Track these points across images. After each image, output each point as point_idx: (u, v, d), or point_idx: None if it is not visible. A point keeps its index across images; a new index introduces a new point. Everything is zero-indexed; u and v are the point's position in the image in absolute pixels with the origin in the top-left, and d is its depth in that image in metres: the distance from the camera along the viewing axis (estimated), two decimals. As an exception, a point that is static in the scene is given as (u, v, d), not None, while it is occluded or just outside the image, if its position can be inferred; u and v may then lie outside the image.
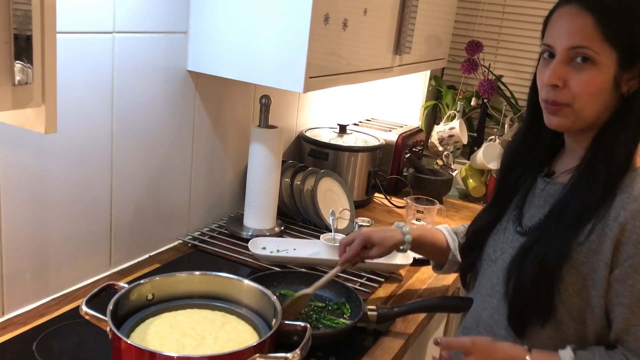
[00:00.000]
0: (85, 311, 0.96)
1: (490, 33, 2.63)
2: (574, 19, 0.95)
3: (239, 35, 1.38)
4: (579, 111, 0.97)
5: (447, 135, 2.34)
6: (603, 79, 0.94)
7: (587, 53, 0.94)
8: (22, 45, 0.66)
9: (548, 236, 1.00)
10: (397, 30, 1.73)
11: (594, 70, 0.94)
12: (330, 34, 1.39)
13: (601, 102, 0.96)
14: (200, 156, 1.58)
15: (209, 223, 1.68)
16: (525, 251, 1.03)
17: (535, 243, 1.02)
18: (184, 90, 1.47)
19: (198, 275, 1.10)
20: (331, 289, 1.33)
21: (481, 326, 1.12)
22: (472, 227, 1.24)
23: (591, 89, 0.95)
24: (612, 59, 0.94)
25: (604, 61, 0.94)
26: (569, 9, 0.97)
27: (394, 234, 1.31)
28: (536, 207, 1.09)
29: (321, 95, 2.09)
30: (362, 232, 1.30)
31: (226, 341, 0.97)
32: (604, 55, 0.93)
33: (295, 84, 1.34)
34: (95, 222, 1.32)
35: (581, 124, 0.99)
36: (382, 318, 1.24)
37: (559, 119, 1.00)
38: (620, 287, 0.94)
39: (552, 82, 0.97)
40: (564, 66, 0.96)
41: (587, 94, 0.95)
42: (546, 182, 1.09)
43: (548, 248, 0.99)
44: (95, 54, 1.21)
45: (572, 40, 0.95)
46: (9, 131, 1.08)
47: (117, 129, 1.31)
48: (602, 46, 0.93)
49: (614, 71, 0.94)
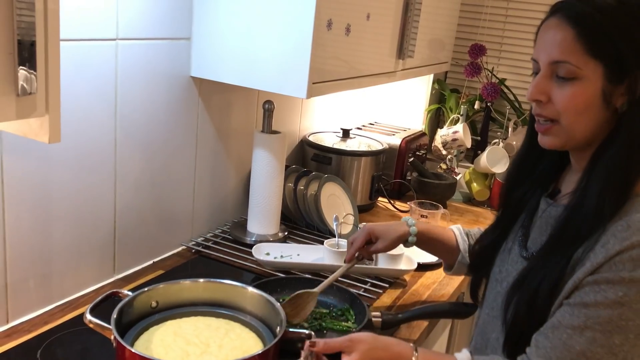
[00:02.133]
0: (89, 319, 0.96)
1: (493, 36, 2.63)
2: (556, 32, 0.91)
3: (242, 41, 1.38)
4: (568, 128, 0.93)
5: (450, 139, 2.34)
6: (588, 94, 0.89)
7: (568, 68, 0.89)
8: (25, 55, 0.66)
9: (543, 265, 0.96)
10: (400, 35, 1.73)
11: (577, 84, 0.90)
12: (333, 39, 1.39)
13: (591, 118, 0.91)
14: (203, 162, 1.58)
15: (212, 229, 1.68)
16: (522, 280, 0.99)
17: (531, 272, 0.97)
18: (187, 97, 1.47)
19: (202, 282, 1.10)
20: (335, 295, 1.33)
21: (490, 348, 1.09)
22: (477, 245, 1.21)
23: (575, 104, 0.90)
24: (598, 73, 0.88)
25: (588, 75, 0.89)
26: (552, 21, 0.93)
27: (398, 227, 1.30)
28: (538, 229, 1.05)
29: (324, 99, 2.09)
30: (365, 227, 1.30)
31: (230, 349, 0.97)
32: (587, 69, 0.88)
33: (298, 90, 1.34)
34: (98, 229, 1.32)
35: (574, 142, 0.95)
36: (387, 324, 1.23)
37: (550, 139, 0.96)
38: (577, 291, 0.89)
39: (534, 97, 0.94)
40: (548, 81, 0.93)
41: (571, 109, 0.91)
42: (548, 204, 1.04)
43: (542, 280, 0.94)
44: (98, 61, 1.22)
45: (554, 54, 0.91)
46: (12, 140, 1.08)
47: (120, 135, 1.31)
48: (585, 60, 0.88)
49: (601, 85, 0.88)
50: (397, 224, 1.32)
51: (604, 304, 0.86)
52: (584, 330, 0.87)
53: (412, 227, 1.29)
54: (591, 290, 0.88)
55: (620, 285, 0.85)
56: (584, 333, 0.87)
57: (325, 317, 1.26)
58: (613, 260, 0.86)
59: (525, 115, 2.47)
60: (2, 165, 1.08)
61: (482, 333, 1.13)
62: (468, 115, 2.51)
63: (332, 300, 1.33)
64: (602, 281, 0.87)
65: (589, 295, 0.88)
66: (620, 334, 0.86)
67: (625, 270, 0.85)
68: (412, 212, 1.85)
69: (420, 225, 1.32)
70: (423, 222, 1.33)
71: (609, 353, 0.86)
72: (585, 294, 0.88)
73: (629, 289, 0.85)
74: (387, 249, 1.31)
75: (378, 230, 1.30)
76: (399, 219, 1.98)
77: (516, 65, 2.62)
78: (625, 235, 0.86)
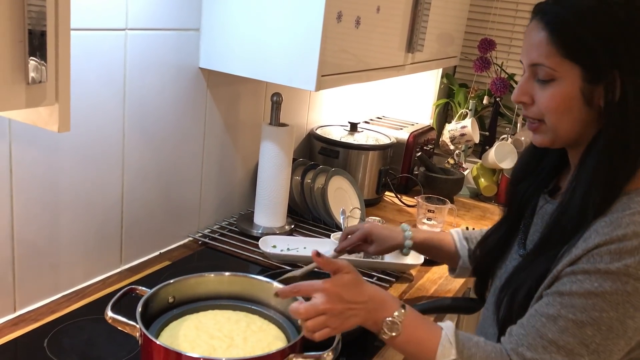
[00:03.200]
0: (110, 317, 0.95)
1: (503, 31, 2.61)
2: (533, 34, 0.93)
3: (251, 32, 1.37)
4: (553, 128, 0.94)
5: (458, 133, 2.32)
6: (567, 95, 0.90)
7: (545, 70, 0.91)
8: (36, 44, 0.66)
9: (530, 263, 0.97)
10: (409, 28, 1.72)
11: (555, 86, 0.91)
12: (343, 31, 1.38)
13: (574, 117, 0.92)
14: (211, 154, 1.58)
15: (219, 220, 1.68)
16: (509, 278, 1.00)
17: (518, 270, 0.99)
18: (196, 88, 1.47)
19: (222, 276, 1.10)
20: None
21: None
22: (479, 249, 1.20)
23: (555, 105, 0.92)
24: (575, 74, 0.89)
25: (565, 76, 0.90)
26: (531, 24, 0.94)
27: (396, 236, 1.31)
28: (535, 227, 1.06)
29: (332, 92, 2.08)
30: (365, 226, 1.31)
31: (255, 341, 0.96)
32: (562, 70, 0.90)
33: (307, 83, 1.33)
34: (106, 219, 1.32)
35: (562, 140, 0.96)
36: None
37: (538, 137, 0.98)
38: (556, 282, 0.90)
39: (517, 99, 0.96)
40: (530, 83, 0.94)
41: (552, 109, 0.92)
42: (545, 200, 1.05)
43: (526, 278, 0.95)
44: (108, 50, 1.21)
45: (532, 57, 0.93)
46: (21, 128, 1.08)
47: (128, 126, 1.31)
48: (560, 61, 0.89)
49: (579, 86, 0.89)
50: (396, 231, 1.33)
51: (578, 294, 0.87)
52: (557, 319, 0.88)
53: (407, 241, 1.31)
54: (568, 280, 0.89)
55: (596, 275, 0.86)
56: (557, 322, 0.88)
57: None
58: (591, 253, 0.87)
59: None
60: (10, 154, 1.08)
61: (482, 328, 1.14)
62: (476, 110, 2.50)
63: None
64: (579, 271, 0.87)
65: (565, 285, 0.89)
66: (592, 325, 0.86)
67: (602, 262, 0.86)
68: (419, 207, 1.84)
69: (418, 236, 1.32)
70: (421, 232, 1.34)
71: (581, 344, 0.86)
72: (562, 284, 0.89)
73: (604, 280, 0.85)
74: (380, 253, 1.34)
75: (376, 234, 1.31)
76: (406, 213, 1.99)
77: (526, 60, 2.59)
78: (607, 230, 0.87)
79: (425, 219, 1.83)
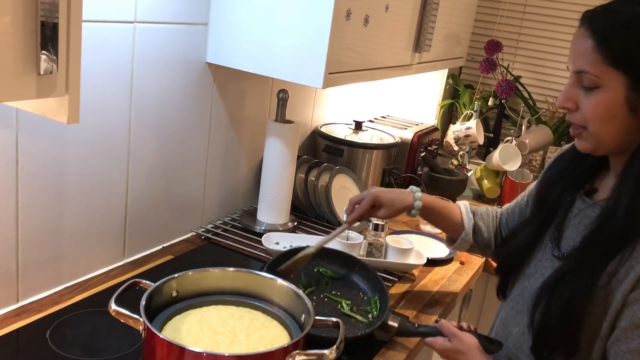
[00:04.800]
0: (114, 309, 0.94)
1: (510, 33, 2.60)
2: (579, 42, 0.94)
3: (259, 28, 1.37)
4: (595, 135, 0.95)
5: (463, 135, 2.32)
6: (611, 102, 0.92)
7: (589, 77, 0.93)
8: (48, 35, 0.66)
9: (578, 271, 0.96)
10: (417, 28, 1.71)
11: (600, 93, 0.92)
12: (351, 29, 1.37)
13: (618, 125, 0.93)
14: (216, 149, 1.58)
15: (222, 216, 1.68)
16: (555, 281, 0.99)
17: (566, 274, 0.98)
18: (202, 83, 1.46)
19: (226, 271, 1.09)
20: (369, 281, 1.33)
21: (510, 341, 1.10)
22: (508, 244, 1.19)
23: (599, 112, 0.93)
24: (620, 82, 0.91)
25: (609, 84, 0.91)
26: (578, 31, 0.96)
27: (404, 197, 1.30)
28: (573, 228, 1.05)
29: (338, 91, 2.08)
30: (371, 192, 1.29)
31: (258, 337, 0.96)
32: (607, 78, 0.91)
33: (315, 80, 1.33)
34: (110, 212, 1.32)
35: (605, 147, 0.97)
36: (402, 332, 1.19)
37: (581, 142, 1.00)
38: (626, 310, 0.91)
39: (561, 104, 0.98)
40: (575, 89, 0.96)
41: (595, 117, 0.94)
42: (584, 202, 1.05)
43: (577, 284, 0.95)
44: (116, 43, 1.21)
45: (577, 64, 0.95)
46: (28, 119, 1.08)
47: (135, 119, 1.31)
48: (605, 70, 0.91)
49: (625, 94, 0.91)
50: (403, 193, 1.31)
51: None
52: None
53: (417, 201, 1.29)
54: (638, 308, 0.89)
55: None
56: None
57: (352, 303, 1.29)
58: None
59: (540, 114, 2.45)
60: (17, 144, 1.08)
61: (504, 326, 1.13)
62: (481, 112, 2.49)
63: (364, 285, 1.33)
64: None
65: (637, 314, 0.89)
66: None
67: None
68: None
69: (426, 198, 1.31)
70: (428, 196, 1.32)
71: None
72: (635, 313, 0.89)
73: None
74: (389, 217, 1.33)
75: (384, 198, 1.29)
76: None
77: (532, 62, 2.59)
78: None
79: (428, 220, 1.82)
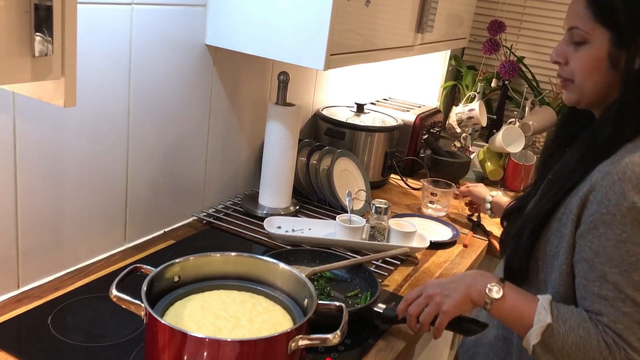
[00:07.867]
0: (115, 295, 0.93)
1: (513, 13, 2.57)
2: (575, 2, 1.03)
3: (259, 9, 1.34)
4: (580, 87, 1.04)
5: (466, 116, 2.30)
6: (595, 57, 1.00)
7: (579, 33, 1.01)
8: (42, 16, 0.64)
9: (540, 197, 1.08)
10: (419, 8, 1.69)
11: (586, 48, 1.01)
12: (352, 10, 1.35)
13: (599, 79, 1.01)
14: (216, 132, 1.56)
15: (223, 200, 1.67)
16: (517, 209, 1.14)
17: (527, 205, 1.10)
18: (202, 65, 1.44)
19: (228, 256, 1.08)
20: (365, 280, 1.31)
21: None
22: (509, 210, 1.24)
23: (584, 66, 1.01)
24: (605, 38, 0.98)
25: (596, 40, 0.99)
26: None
27: None
28: None
29: (339, 73, 2.05)
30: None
31: (261, 322, 0.95)
32: (594, 34, 0.99)
33: (316, 61, 1.31)
34: (110, 197, 1.31)
35: (586, 99, 1.05)
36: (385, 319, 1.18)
37: (567, 94, 1.08)
38: (582, 242, 0.96)
39: (553, 59, 1.07)
40: (567, 45, 1.04)
41: (581, 70, 1.02)
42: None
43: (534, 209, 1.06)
44: (113, 25, 1.19)
45: (570, 21, 1.03)
46: (25, 103, 1.06)
47: (133, 103, 1.29)
48: (593, 26, 0.99)
49: (608, 50, 0.98)
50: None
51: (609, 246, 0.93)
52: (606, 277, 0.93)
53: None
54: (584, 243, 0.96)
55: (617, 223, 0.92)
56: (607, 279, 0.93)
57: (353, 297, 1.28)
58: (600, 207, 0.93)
59: (543, 95, 2.42)
60: (14, 129, 1.06)
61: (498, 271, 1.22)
62: (484, 93, 2.47)
63: (359, 282, 1.32)
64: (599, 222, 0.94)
65: (594, 243, 0.94)
66: (636, 270, 0.91)
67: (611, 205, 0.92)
68: (424, 190, 1.83)
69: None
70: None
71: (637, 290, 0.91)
72: (580, 248, 0.97)
73: (624, 225, 0.91)
74: None
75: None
76: (411, 196, 1.98)
77: (536, 43, 2.56)
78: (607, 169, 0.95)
79: (429, 203, 1.81)
